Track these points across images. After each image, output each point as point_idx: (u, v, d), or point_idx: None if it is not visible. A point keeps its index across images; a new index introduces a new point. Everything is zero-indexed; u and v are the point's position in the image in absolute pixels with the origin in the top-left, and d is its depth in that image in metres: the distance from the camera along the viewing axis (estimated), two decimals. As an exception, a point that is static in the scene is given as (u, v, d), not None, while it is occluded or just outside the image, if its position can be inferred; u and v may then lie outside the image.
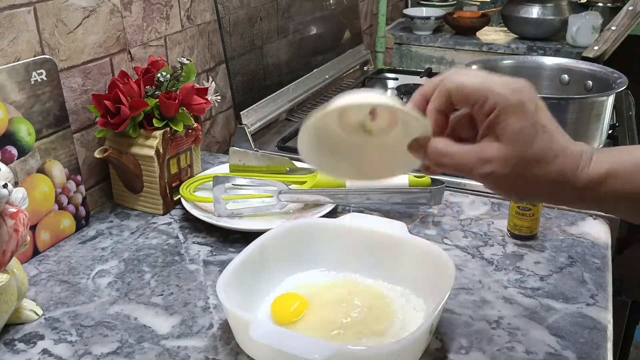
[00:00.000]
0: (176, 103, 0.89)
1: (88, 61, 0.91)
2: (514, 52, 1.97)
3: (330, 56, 1.58)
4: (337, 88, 1.62)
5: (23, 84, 0.78)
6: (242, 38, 1.18)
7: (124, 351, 0.64)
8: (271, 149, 1.19)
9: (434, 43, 2.10)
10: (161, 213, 0.93)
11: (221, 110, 1.28)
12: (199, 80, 1.18)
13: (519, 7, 2.00)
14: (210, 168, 1.04)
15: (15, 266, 0.67)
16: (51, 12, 0.84)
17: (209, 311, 0.71)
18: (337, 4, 1.61)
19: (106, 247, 0.84)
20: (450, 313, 0.71)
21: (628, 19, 1.47)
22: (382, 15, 2.07)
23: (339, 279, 0.75)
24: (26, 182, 0.79)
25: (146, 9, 1.01)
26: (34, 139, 0.80)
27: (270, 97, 1.27)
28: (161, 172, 0.91)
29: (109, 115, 0.88)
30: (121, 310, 0.71)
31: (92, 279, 0.77)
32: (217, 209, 0.88)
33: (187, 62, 0.93)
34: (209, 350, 0.64)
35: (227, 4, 1.13)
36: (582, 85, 1.15)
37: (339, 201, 0.91)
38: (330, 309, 0.68)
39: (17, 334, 0.67)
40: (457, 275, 0.75)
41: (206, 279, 0.77)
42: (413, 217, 0.93)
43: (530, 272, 0.79)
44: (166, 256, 0.82)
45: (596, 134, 1.03)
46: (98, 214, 0.93)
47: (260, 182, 0.91)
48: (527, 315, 0.70)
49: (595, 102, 1.01)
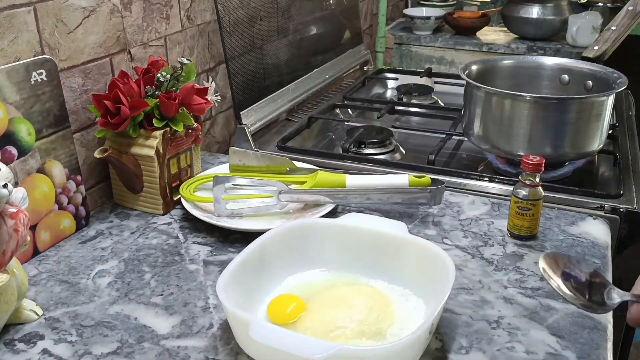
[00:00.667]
0: (176, 103, 0.89)
1: (88, 61, 0.91)
2: (514, 52, 1.98)
3: (330, 56, 1.58)
4: (337, 88, 1.63)
5: (23, 84, 0.78)
6: (242, 38, 1.19)
7: (124, 351, 0.64)
8: (271, 149, 1.19)
9: (434, 43, 2.10)
10: (161, 213, 0.93)
11: (221, 110, 1.28)
12: (199, 80, 1.18)
13: (519, 7, 2.00)
14: (210, 168, 1.04)
15: (15, 266, 0.67)
16: (51, 12, 0.84)
17: (209, 311, 0.71)
18: (337, 4, 1.61)
19: (106, 247, 0.84)
20: (450, 313, 0.71)
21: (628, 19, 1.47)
22: (382, 15, 2.07)
23: (339, 279, 0.75)
24: (26, 182, 0.79)
25: (146, 9, 1.01)
26: (34, 139, 0.80)
27: (270, 97, 1.27)
28: (161, 172, 0.91)
29: (109, 115, 0.88)
30: (121, 310, 0.71)
31: (92, 279, 0.77)
32: (217, 209, 0.88)
33: (187, 62, 0.93)
34: (209, 350, 0.64)
35: (227, 4, 1.13)
36: (582, 85, 1.15)
37: (339, 201, 0.91)
38: (330, 309, 0.68)
39: (17, 334, 0.67)
40: (457, 275, 0.75)
41: (206, 279, 0.77)
42: (413, 217, 0.93)
43: (530, 272, 0.79)
44: (166, 256, 0.82)
45: (596, 134, 1.03)
46: (98, 214, 0.93)
47: (260, 182, 0.91)
48: (527, 315, 0.70)
49: (595, 102, 1.01)
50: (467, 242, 0.86)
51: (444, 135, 1.23)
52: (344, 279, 0.75)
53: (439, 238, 0.87)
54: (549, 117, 1.00)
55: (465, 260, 0.82)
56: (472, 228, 0.90)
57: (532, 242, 0.86)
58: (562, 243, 0.86)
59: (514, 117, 1.03)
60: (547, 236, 0.87)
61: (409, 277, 0.72)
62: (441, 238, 0.87)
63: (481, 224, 0.91)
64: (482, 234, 0.88)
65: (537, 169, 0.83)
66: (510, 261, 0.81)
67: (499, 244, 0.85)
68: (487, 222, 0.91)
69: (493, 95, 1.05)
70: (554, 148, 1.02)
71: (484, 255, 0.83)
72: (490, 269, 0.80)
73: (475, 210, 0.95)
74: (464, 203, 0.97)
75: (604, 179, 1.14)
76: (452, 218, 0.92)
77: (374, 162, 1.14)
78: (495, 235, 0.88)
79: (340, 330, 0.65)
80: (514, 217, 0.86)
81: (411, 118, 1.47)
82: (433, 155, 1.12)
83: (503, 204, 0.96)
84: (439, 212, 0.94)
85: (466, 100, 1.12)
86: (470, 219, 0.92)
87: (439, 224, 0.91)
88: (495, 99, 1.05)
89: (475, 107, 1.09)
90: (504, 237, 0.87)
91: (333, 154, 1.18)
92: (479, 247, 0.85)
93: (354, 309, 0.67)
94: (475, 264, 0.81)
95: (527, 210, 0.84)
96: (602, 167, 1.18)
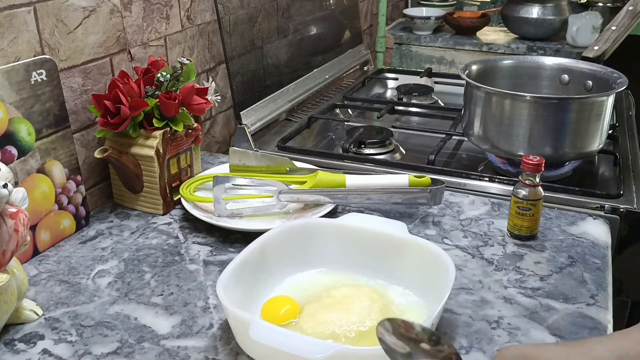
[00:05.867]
0: (176, 103, 0.89)
1: (88, 61, 0.91)
2: (514, 52, 1.97)
3: (330, 56, 1.58)
4: (337, 88, 1.63)
5: (23, 84, 0.78)
6: (242, 38, 1.19)
7: (124, 351, 0.64)
8: (271, 149, 1.19)
9: (434, 43, 2.10)
10: (161, 213, 0.93)
11: (221, 110, 1.28)
12: (199, 80, 1.18)
13: (519, 7, 2.00)
14: (210, 168, 1.04)
15: (15, 266, 0.67)
16: (51, 12, 0.84)
17: (209, 311, 0.71)
18: (337, 4, 1.61)
19: (106, 247, 0.84)
20: (450, 313, 0.71)
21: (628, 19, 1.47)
22: (382, 15, 2.07)
23: (339, 279, 0.75)
24: (26, 182, 0.79)
25: (146, 9, 1.01)
26: (34, 139, 0.80)
27: (270, 97, 1.27)
28: (161, 172, 0.91)
29: (109, 115, 0.88)
30: (121, 310, 0.71)
31: (92, 279, 0.77)
32: (217, 209, 0.88)
33: (187, 62, 0.93)
34: (209, 350, 0.64)
35: (227, 4, 1.13)
36: (582, 85, 1.15)
37: (339, 201, 0.91)
38: (330, 309, 0.68)
39: (17, 334, 0.67)
40: (457, 275, 0.74)
41: (206, 279, 0.77)
42: (413, 217, 0.93)
43: (530, 272, 0.79)
44: (166, 256, 0.82)
45: (596, 134, 1.03)
46: (98, 214, 0.93)
47: (260, 182, 0.91)
48: (527, 315, 0.70)
49: (595, 102, 1.01)
50: (467, 242, 0.86)
51: (444, 135, 1.23)
52: (344, 279, 0.75)
53: (439, 238, 0.87)
54: (549, 117, 1.00)
55: (465, 260, 0.82)
56: (472, 228, 0.90)
57: (532, 242, 0.86)
58: (562, 243, 0.86)
59: (514, 117, 1.03)
60: (547, 236, 0.87)
61: (409, 277, 0.72)
62: (441, 238, 0.87)
63: (481, 224, 0.91)
64: (482, 234, 0.88)
65: (537, 169, 0.83)
66: (510, 261, 0.81)
67: (499, 244, 0.85)
68: (487, 222, 0.91)
69: (493, 95, 1.05)
70: (554, 148, 1.02)
71: (484, 255, 0.83)
72: (490, 269, 0.80)
73: (475, 210, 0.95)
74: (464, 203, 0.97)
75: (604, 179, 1.14)
76: (452, 218, 0.92)
77: (374, 162, 1.14)
78: (495, 235, 0.88)
79: (340, 330, 0.65)
80: (514, 217, 0.86)
81: (411, 118, 1.47)
82: (433, 155, 1.12)
83: (503, 204, 0.96)
84: (439, 212, 0.94)
85: (466, 100, 1.12)
86: (470, 219, 0.92)
87: (439, 224, 0.91)
88: (495, 99, 1.05)
89: (475, 107, 1.09)
90: (504, 237, 0.87)
91: (333, 154, 1.18)
92: (479, 247, 0.85)
93: (354, 309, 0.67)
94: (475, 264, 0.81)
95: (527, 210, 0.84)
96: (602, 167, 1.18)
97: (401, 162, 1.19)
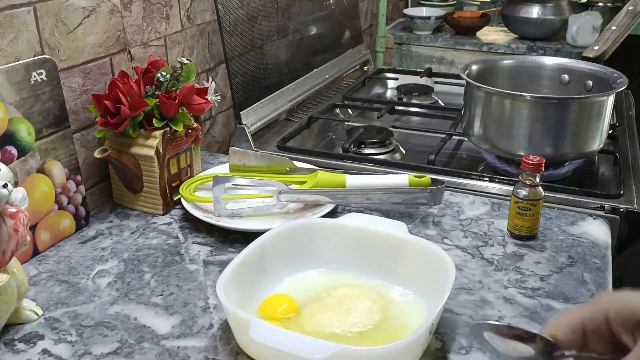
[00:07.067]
0: (176, 103, 0.89)
1: (88, 61, 0.91)
2: (514, 52, 1.98)
3: (330, 56, 1.58)
4: (337, 88, 1.63)
5: (23, 84, 0.78)
6: (242, 38, 1.19)
7: (124, 351, 0.64)
8: (271, 149, 1.19)
9: (434, 43, 2.10)
10: (161, 213, 0.93)
11: (221, 110, 1.28)
12: (199, 80, 1.18)
13: (519, 7, 2.00)
14: (210, 168, 1.04)
15: (15, 266, 0.67)
16: (51, 12, 0.84)
17: (209, 311, 0.71)
18: (337, 4, 1.61)
19: (106, 247, 0.84)
20: (450, 313, 0.71)
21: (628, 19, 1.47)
22: (382, 15, 2.07)
23: (338, 279, 0.75)
24: (26, 182, 0.79)
25: (146, 9, 1.01)
26: (33, 139, 0.80)
27: (270, 97, 1.27)
28: (161, 172, 0.91)
29: (109, 115, 0.88)
30: (121, 310, 0.71)
31: (92, 279, 0.77)
32: (217, 209, 0.88)
33: (187, 62, 0.93)
34: (209, 350, 0.64)
35: (227, 4, 1.13)
36: (582, 85, 1.15)
37: (339, 201, 0.91)
38: (330, 309, 0.68)
39: (17, 334, 0.67)
40: (457, 275, 0.74)
41: (206, 279, 0.77)
42: (413, 217, 0.93)
43: (530, 272, 0.79)
44: (166, 256, 0.82)
45: (596, 134, 1.03)
46: (98, 214, 0.93)
47: (260, 182, 0.91)
48: (527, 316, 0.70)
49: (595, 102, 1.01)
50: (467, 242, 0.86)
51: (444, 135, 1.23)
52: (344, 279, 0.75)
53: (439, 238, 0.87)
54: (549, 117, 1.00)
55: (466, 260, 0.82)
56: (472, 228, 0.90)
57: (532, 242, 0.86)
58: (562, 243, 0.86)
59: (514, 117, 1.03)
60: (547, 236, 0.87)
61: (409, 277, 0.72)
62: (441, 238, 0.87)
63: (481, 224, 0.91)
64: (482, 234, 0.88)
65: (537, 169, 0.83)
66: (511, 261, 0.81)
67: (499, 244, 0.85)
68: (487, 222, 0.91)
69: (493, 95, 1.05)
70: (554, 148, 1.02)
71: (484, 255, 0.83)
72: (490, 269, 0.80)
73: (475, 210, 0.95)
74: (464, 203, 0.97)
75: (604, 179, 1.14)
76: (452, 218, 0.92)
77: (374, 162, 1.14)
78: (496, 235, 0.88)
79: (340, 331, 0.65)
80: (514, 217, 0.86)
81: (411, 118, 1.46)
82: (433, 155, 1.12)
83: (503, 204, 0.96)
84: (439, 212, 0.94)
85: (466, 100, 1.12)
86: (471, 219, 0.92)
87: (439, 224, 0.91)
88: (495, 99, 1.05)
89: (475, 107, 1.09)
90: (504, 237, 0.87)
91: (333, 154, 1.18)
92: (479, 247, 0.85)
93: (354, 309, 0.67)
94: (475, 264, 0.81)
95: (527, 210, 0.84)
96: (602, 167, 1.18)
97: (401, 162, 1.19)
